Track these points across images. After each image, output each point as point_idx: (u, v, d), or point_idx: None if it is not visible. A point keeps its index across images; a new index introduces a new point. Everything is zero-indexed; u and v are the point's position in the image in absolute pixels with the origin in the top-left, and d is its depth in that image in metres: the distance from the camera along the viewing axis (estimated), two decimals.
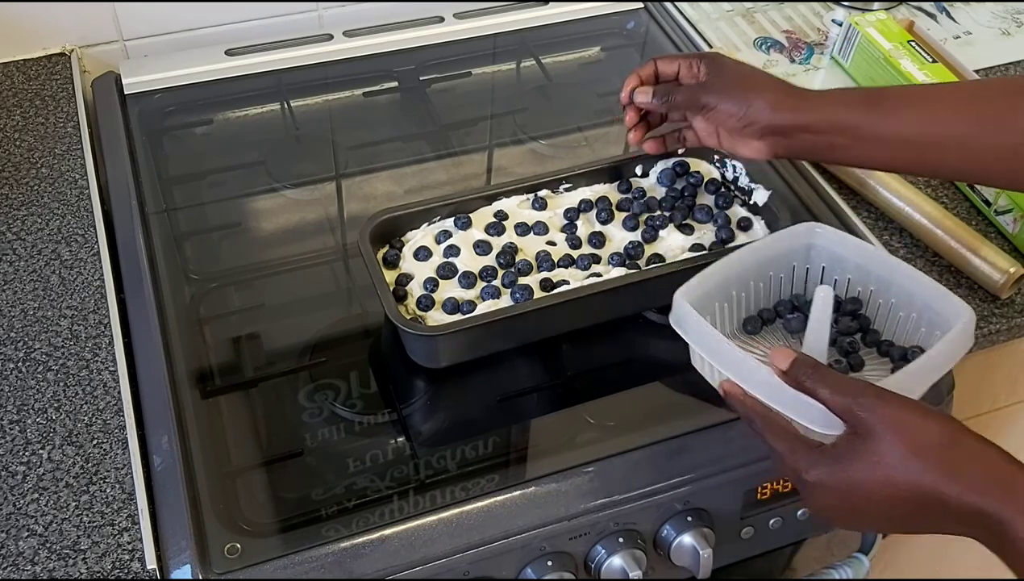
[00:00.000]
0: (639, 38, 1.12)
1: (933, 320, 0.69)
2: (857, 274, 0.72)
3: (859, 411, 0.56)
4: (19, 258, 0.81)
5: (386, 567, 0.65)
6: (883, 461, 0.54)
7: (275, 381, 0.75)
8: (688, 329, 0.66)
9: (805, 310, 0.73)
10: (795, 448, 0.58)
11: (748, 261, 0.71)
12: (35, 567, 0.63)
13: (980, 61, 1.04)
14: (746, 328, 0.73)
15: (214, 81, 1.00)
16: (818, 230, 0.73)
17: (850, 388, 0.57)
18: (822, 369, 0.59)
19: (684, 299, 0.67)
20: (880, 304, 0.72)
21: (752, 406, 0.62)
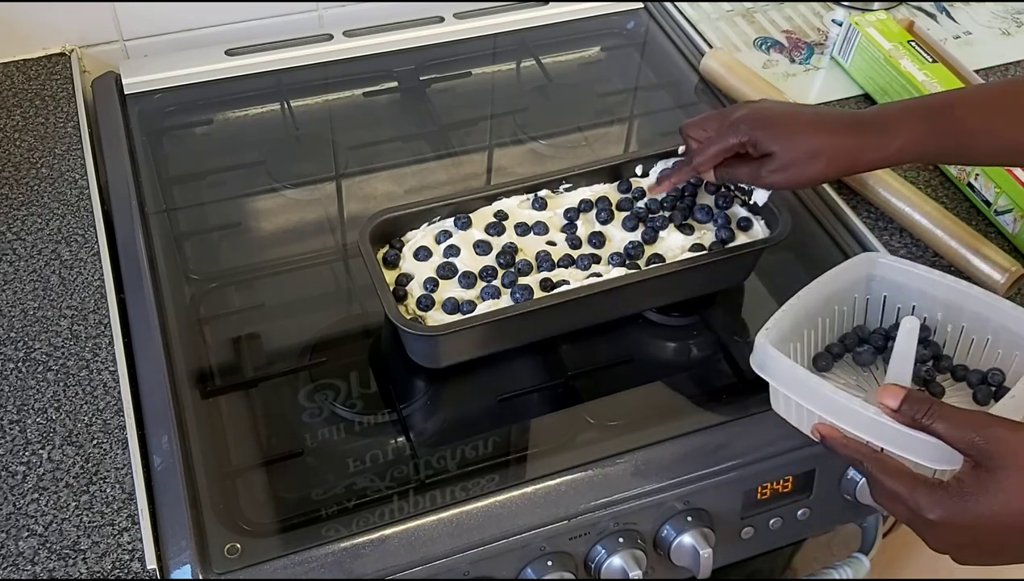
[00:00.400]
0: (639, 38, 1.12)
1: (1011, 342, 0.68)
2: (921, 301, 0.72)
3: (985, 444, 0.54)
4: (19, 258, 0.81)
5: (386, 567, 0.65)
6: (1016, 493, 0.53)
7: (275, 381, 0.75)
8: (776, 373, 0.65)
9: (872, 342, 0.73)
10: (915, 488, 0.56)
11: (815, 297, 0.70)
12: (35, 567, 0.63)
13: (980, 61, 1.04)
14: (817, 365, 0.72)
15: (214, 81, 1.00)
16: (879, 260, 0.73)
17: (971, 422, 0.55)
18: (937, 404, 0.57)
19: (767, 342, 0.65)
20: (950, 329, 0.72)
21: (856, 447, 0.60)
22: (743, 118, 0.73)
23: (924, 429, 0.57)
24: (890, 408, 0.58)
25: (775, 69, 1.05)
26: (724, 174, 0.75)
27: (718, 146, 0.73)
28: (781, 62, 1.06)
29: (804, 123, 0.72)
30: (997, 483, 0.53)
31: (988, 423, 0.55)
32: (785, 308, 0.68)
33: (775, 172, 0.72)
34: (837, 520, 0.83)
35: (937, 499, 0.55)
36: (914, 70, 0.96)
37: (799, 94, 1.00)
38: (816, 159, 0.71)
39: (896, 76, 0.97)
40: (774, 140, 0.71)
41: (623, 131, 1.02)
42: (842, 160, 0.71)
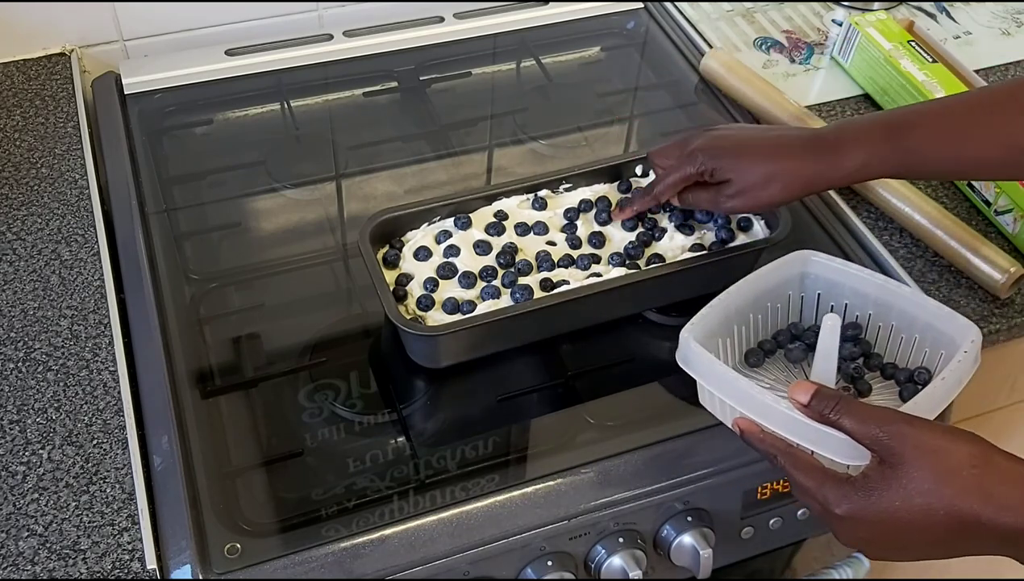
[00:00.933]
0: (639, 38, 1.12)
1: (937, 340, 0.69)
2: (854, 299, 0.72)
3: (887, 440, 0.55)
4: (19, 258, 0.81)
5: (386, 567, 0.65)
6: (917, 488, 0.53)
7: (275, 381, 0.75)
8: (698, 368, 0.66)
9: (805, 339, 0.73)
10: (823, 482, 0.57)
11: (746, 294, 0.71)
12: (35, 567, 0.63)
13: (980, 61, 1.04)
14: (748, 361, 0.73)
15: (214, 81, 1.00)
16: (812, 258, 0.73)
17: (875, 417, 0.56)
18: (845, 400, 0.58)
19: (691, 337, 0.66)
20: (880, 328, 0.72)
21: (772, 442, 0.61)
22: (700, 148, 0.74)
23: (832, 424, 0.58)
24: (800, 403, 0.59)
25: (775, 69, 1.05)
26: (687, 200, 0.77)
27: (677, 175, 0.75)
28: (781, 62, 1.06)
29: (759, 149, 0.73)
30: (898, 479, 0.54)
31: (892, 419, 0.56)
32: (713, 304, 0.69)
33: (732, 197, 0.73)
34: None
35: (844, 494, 0.56)
36: (914, 70, 0.96)
37: (799, 94, 1.00)
38: (771, 184, 0.72)
39: (896, 76, 0.97)
40: (730, 168, 0.73)
41: (623, 131, 1.02)
42: (797, 183, 0.72)
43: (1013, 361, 0.94)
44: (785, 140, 0.74)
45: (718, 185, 0.74)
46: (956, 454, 0.54)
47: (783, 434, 0.61)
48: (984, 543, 0.54)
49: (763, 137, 0.75)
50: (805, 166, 0.72)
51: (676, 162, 0.75)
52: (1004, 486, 0.53)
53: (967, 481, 0.53)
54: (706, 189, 0.75)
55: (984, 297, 0.83)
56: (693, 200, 0.76)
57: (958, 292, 0.83)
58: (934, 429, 0.55)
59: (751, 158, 0.73)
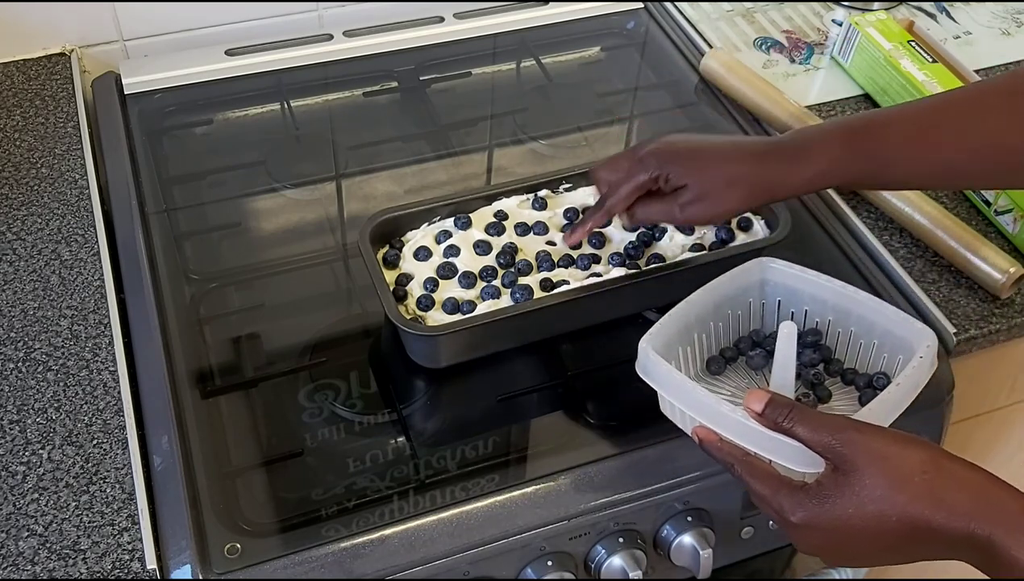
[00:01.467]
0: (639, 38, 1.12)
1: (895, 345, 0.69)
2: (813, 305, 0.72)
3: (839, 447, 0.55)
4: (19, 258, 0.81)
5: (386, 567, 0.65)
6: (869, 495, 0.53)
7: (275, 381, 0.75)
8: (657, 378, 0.65)
9: (766, 345, 0.73)
10: (778, 490, 0.57)
11: (707, 302, 0.70)
12: (35, 567, 0.63)
13: (980, 61, 1.04)
14: (710, 369, 0.72)
15: (214, 81, 1.00)
16: (771, 265, 0.72)
17: (827, 425, 0.56)
18: (797, 408, 0.58)
19: (649, 347, 0.66)
20: (840, 333, 0.72)
21: (729, 451, 0.61)
22: (652, 152, 0.70)
23: (785, 432, 0.57)
24: (755, 412, 0.59)
25: (775, 69, 1.05)
26: (640, 214, 0.73)
27: (629, 185, 0.71)
28: (781, 62, 1.06)
29: (716, 153, 0.70)
30: (851, 486, 0.54)
31: (844, 427, 0.55)
32: (672, 313, 0.68)
33: (690, 204, 0.70)
34: None
35: (798, 501, 0.56)
36: (914, 70, 0.96)
37: (799, 94, 1.00)
38: (734, 187, 0.69)
39: (896, 76, 0.97)
40: (687, 173, 0.69)
41: (623, 131, 1.02)
42: (760, 188, 0.70)
43: (1013, 361, 0.94)
44: (744, 145, 0.72)
45: (673, 193, 0.70)
46: (908, 460, 0.54)
47: (740, 443, 0.61)
48: (937, 548, 0.53)
49: (720, 142, 0.72)
50: (767, 171, 0.69)
51: (626, 172, 0.71)
52: (955, 492, 0.53)
53: (918, 487, 0.53)
54: (660, 199, 0.71)
55: (984, 297, 0.83)
56: (644, 214, 0.72)
57: (958, 292, 0.83)
58: (885, 436, 0.55)
59: (710, 162, 0.70)
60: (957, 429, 0.87)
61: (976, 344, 0.81)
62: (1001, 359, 0.91)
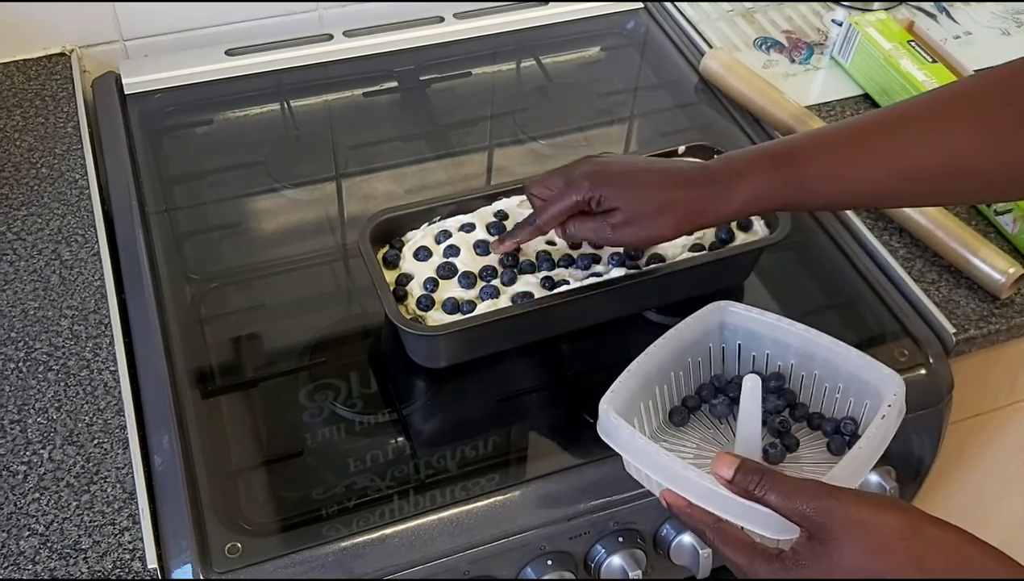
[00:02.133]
0: (639, 38, 1.12)
1: (861, 390, 0.67)
2: (775, 349, 0.70)
3: (815, 516, 0.54)
4: (19, 258, 0.81)
5: (386, 567, 0.65)
6: (848, 564, 0.52)
7: (275, 381, 0.75)
8: (619, 441, 0.63)
9: (727, 391, 0.71)
10: (752, 559, 0.56)
11: (666, 352, 0.68)
12: (36, 566, 0.63)
13: (980, 61, 1.04)
14: (672, 420, 0.70)
15: (214, 81, 1.00)
16: (730, 309, 0.70)
17: (800, 492, 0.55)
18: (768, 474, 0.56)
19: (611, 408, 0.63)
20: (803, 377, 0.70)
21: (700, 517, 0.59)
22: (585, 174, 0.70)
23: (757, 500, 0.56)
24: (724, 479, 0.57)
25: (775, 69, 1.05)
26: (571, 231, 0.72)
27: (560, 205, 0.70)
28: (781, 62, 1.06)
29: (648, 177, 0.70)
30: (828, 555, 0.53)
31: (817, 494, 0.54)
32: (631, 368, 0.66)
33: (620, 227, 0.69)
34: None
35: (774, 570, 0.55)
36: (914, 70, 0.96)
37: (799, 94, 1.00)
38: (662, 214, 0.68)
39: (896, 76, 0.97)
40: (618, 196, 0.69)
41: (623, 131, 1.02)
42: (690, 216, 0.69)
43: (1013, 361, 0.94)
44: (675, 171, 0.70)
45: (604, 213, 0.69)
46: (886, 527, 0.52)
47: (710, 508, 0.59)
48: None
49: (652, 167, 0.71)
50: (697, 197, 0.68)
51: (559, 191, 0.71)
52: (935, 556, 0.51)
53: (899, 555, 0.52)
54: (591, 219, 0.70)
55: (984, 297, 0.83)
56: (575, 231, 0.71)
57: (958, 292, 0.83)
58: (861, 501, 0.54)
59: (642, 186, 0.69)
60: (956, 429, 0.87)
61: (976, 344, 0.81)
62: (1000, 359, 0.91)
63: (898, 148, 0.66)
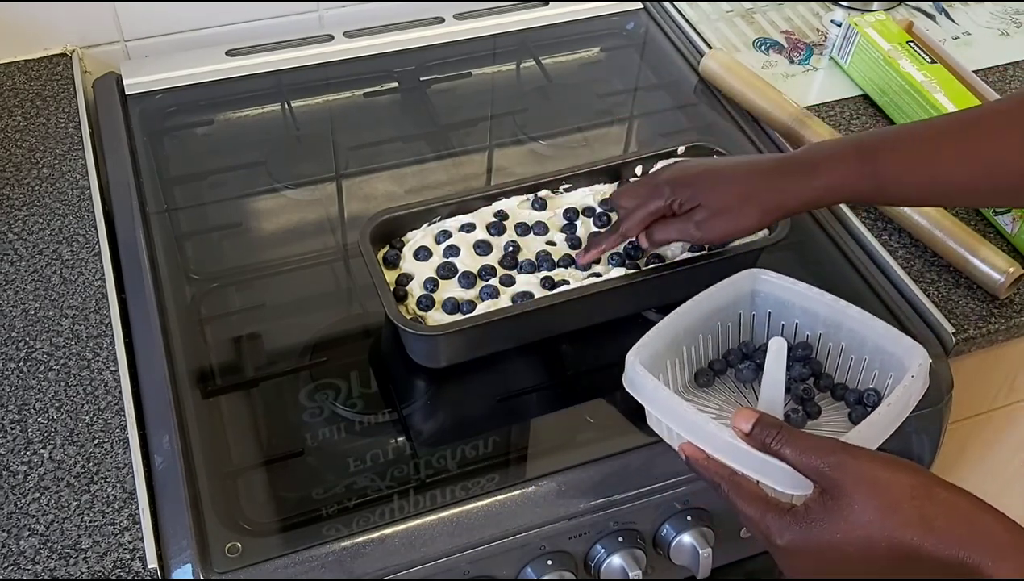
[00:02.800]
0: (639, 39, 1.12)
1: (886, 362, 0.68)
2: (804, 318, 0.71)
3: (828, 471, 0.54)
4: (20, 258, 0.81)
5: (386, 566, 0.65)
6: (858, 520, 0.53)
7: (276, 381, 0.76)
8: (643, 393, 0.65)
9: (755, 358, 0.72)
10: (765, 513, 0.57)
11: (696, 314, 0.70)
12: (36, 566, 0.63)
13: (979, 62, 1.04)
14: (698, 382, 0.71)
15: (215, 81, 1.00)
16: (762, 277, 0.71)
17: (816, 448, 0.55)
18: (786, 429, 0.57)
19: (636, 360, 0.65)
20: (830, 348, 0.71)
21: (716, 470, 0.60)
22: (666, 180, 0.73)
23: (773, 454, 0.57)
24: (743, 432, 0.58)
25: (774, 70, 1.05)
26: (658, 235, 0.74)
27: (643, 211, 0.73)
28: (780, 63, 1.06)
29: (729, 173, 0.72)
30: (840, 510, 0.53)
31: (832, 450, 0.55)
32: (660, 326, 0.68)
33: (704, 223, 0.71)
34: None
35: (785, 524, 0.55)
36: (913, 71, 0.96)
37: (798, 95, 1.00)
38: (747, 204, 0.70)
39: (895, 77, 0.97)
40: (699, 195, 0.71)
41: (623, 131, 1.02)
42: (772, 203, 0.71)
43: (1012, 361, 0.94)
44: (755, 163, 0.72)
45: (687, 213, 0.72)
46: (897, 486, 0.53)
47: (727, 462, 0.60)
48: (926, 575, 0.53)
49: (732, 163, 0.73)
50: (780, 185, 0.70)
51: (642, 199, 0.73)
52: (945, 518, 0.52)
53: (908, 513, 0.52)
54: (675, 220, 0.73)
55: (983, 297, 0.83)
56: (662, 235, 0.74)
57: (957, 292, 0.83)
58: (875, 460, 0.55)
59: (722, 182, 0.71)
60: (956, 429, 0.88)
61: (975, 344, 0.81)
62: (1000, 359, 0.91)
63: (977, 147, 0.68)
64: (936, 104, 0.93)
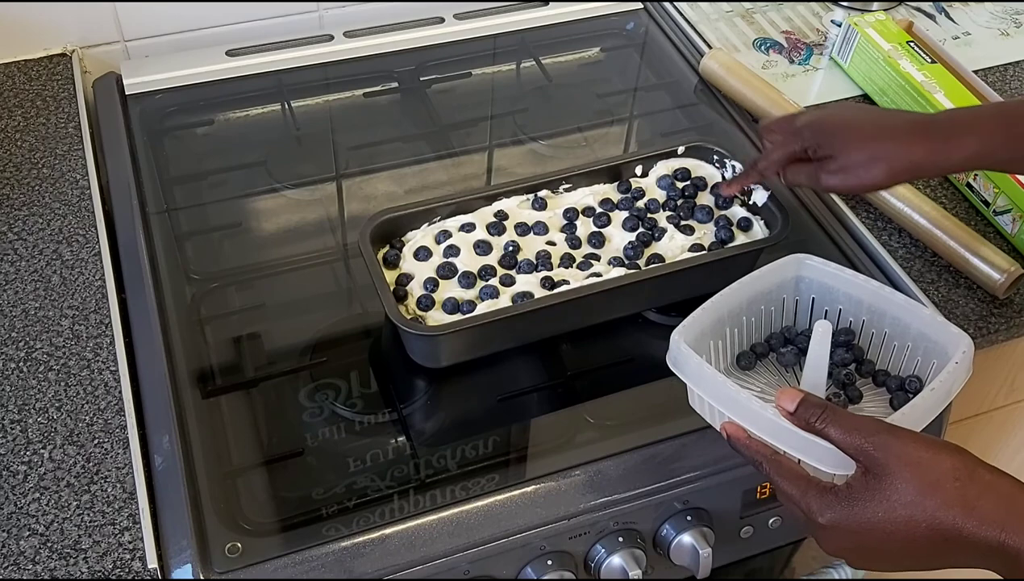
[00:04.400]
0: (639, 39, 1.12)
1: (929, 349, 0.68)
2: (848, 304, 0.72)
3: (872, 451, 0.55)
4: (20, 258, 0.81)
5: (386, 566, 0.65)
6: (901, 500, 0.53)
7: (276, 381, 0.76)
8: (687, 371, 0.65)
9: (797, 343, 0.73)
10: (807, 491, 0.57)
11: (740, 296, 0.70)
12: (36, 566, 0.63)
13: (979, 62, 1.04)
14: (740, 364, 0.72)
15: (215, 81, 1.00)
16: (807, 262, 0.72)
17: (861, 427, 0.56)
18: (830, 409, 0.57)
19: (681, 339, 0.65)
20: (873, 334, 0.72)
21: (758, 448, 0.61)
22: (806, 124, 0.74)
23: (817, 433, 0.57)
24: (787, 411, 0.59)
25: (774, 70, 1.05)
26: (789, 178, 0.76)
27: (781, 152, 0.75)
28: (780, 63, 1.06)
29: (866, 129, 0.72)
30: (882, 489, 0.54)
31: (878, 430, 0.55)
32: (706, 306, 0.69)
33: (833, 174, 0.72)
34: None
35: (827, 503, 0.56)
36: (913, 71, 0.96)
37: (798, 95, 1.00)
38: (875, 164, 0.71)
39: (895, 77, 0.97)
40: (835, 144, 0.72)
41: (623, 131, 1.02)
42: (903, 167, 0.71)
43: (1012, 361, 0.94)
44: (894, 122, 0.73)
45: (820, 161, 0.73)
46: (940, 466, 0.54)
47: (769, 440, 0.61)
48: (966, 556, 0.53)
49: (872, 117, 0.74)
50: (913, 150, 0.70)
51: (782, 138, 0.75)
52: (986, 500, 0.52)
53: (950, 494, 0.53)
54: (808, 165, 0.74)
55: (983, 297, 0.83)
56: (793, 177, 0.75)
57: (957, 292, 0.83)
58: (918, 440, 0.55)
59: (857, 137, 0.72)
60: (956, 429, 0.88)
61: (975, 344, 0.81)
62: (1000, 359, 0.91)
63: None
64: (936, 104, 0.93)
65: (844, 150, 0.72)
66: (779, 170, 0.76)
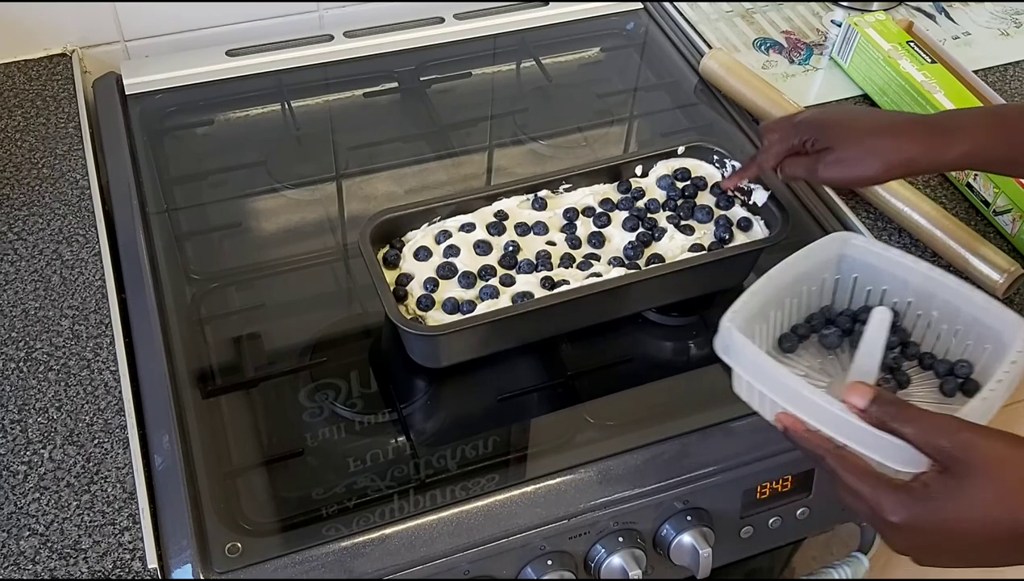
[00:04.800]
0: (638, 39, 1.12)
1: (982, 334, 0.67)
2: (893, 285, 0.70)
3: (955, 451, 0.53)
4: (20, 258, 0.81)
5: (386, 566, 0.65)
6: (981, 499, 0.52)
7: (276, 381, 0.76)
8: (741, 359, 0.63)
9: (838, 323, 0.72)
10: (876, 488, 0.55)
11: (784, 278, 0.69)
12: (36, 566, 0.63)
13: (979, 62, 1.04)
14: (782, 346, 0.71)
15: (215, 81, 1.00)
16: (852, 241, 0.71)
17: (942, 427, 0.54)
18: (904, 406, 0.56)
19: (733, 326, 0.63)
20: (919, 316, 0.70)
21: (818, 442, 0.59)
22: (805, 120, 0.76)
23: (892, 432, 0.56)
24: (858, 408, 0.57)
25: (774, 70, 1.05)
26: (787, 170, 0.77)
27: (780, 146, 0.76)
28: (780, 63, 1.06)
29: (863, 124, 0.74)
30: (963, 490, 0.53)
31: (959, 429, 0.54)
32: (754, 289, 0.67)
33: (829, 166, 0.74)
34: (836, 519, 0.84)
35: (900, 501, 0.55)
36: (913, 71, 0.96)
37: (798, 95, 1.00)
38: (871, 158, 0.72)
39: (895, 77, 0.97)
40: (832, 137, 0.74)
41: (623, 131, 1.02)
42: (898, 162, 0.72)
43: None
44: (891, 119, 0.75)
45: (817, 153, 0.74)
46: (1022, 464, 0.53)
47: (834, 435, 0.58)
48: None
49: (869, 114, 0.76)
50: (909, 146, 0.71)
51: (781, 134, 0.77)
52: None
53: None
54: (806, 157, 0.76)
55: None
56: (790, 169, 0.77)
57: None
58: (1002, 438, 0.54)
59: (854, 131, 0.73)
60: None
61: None
62: None
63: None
64: (936, 104, 0.93)
65: (841, 143, 0.73)
66: (777, 164, 0.77)
